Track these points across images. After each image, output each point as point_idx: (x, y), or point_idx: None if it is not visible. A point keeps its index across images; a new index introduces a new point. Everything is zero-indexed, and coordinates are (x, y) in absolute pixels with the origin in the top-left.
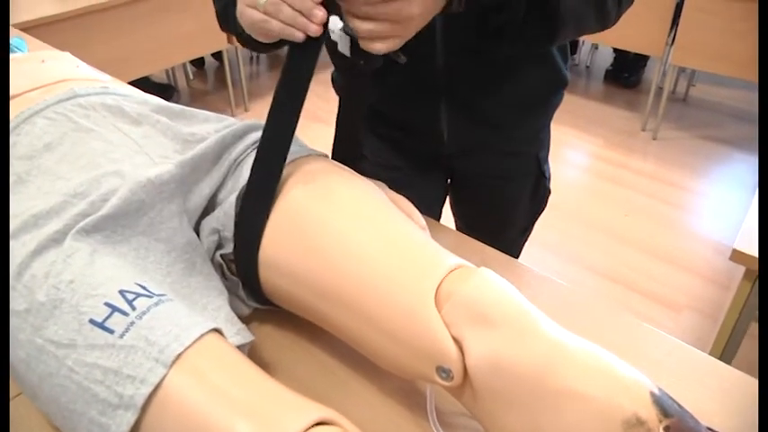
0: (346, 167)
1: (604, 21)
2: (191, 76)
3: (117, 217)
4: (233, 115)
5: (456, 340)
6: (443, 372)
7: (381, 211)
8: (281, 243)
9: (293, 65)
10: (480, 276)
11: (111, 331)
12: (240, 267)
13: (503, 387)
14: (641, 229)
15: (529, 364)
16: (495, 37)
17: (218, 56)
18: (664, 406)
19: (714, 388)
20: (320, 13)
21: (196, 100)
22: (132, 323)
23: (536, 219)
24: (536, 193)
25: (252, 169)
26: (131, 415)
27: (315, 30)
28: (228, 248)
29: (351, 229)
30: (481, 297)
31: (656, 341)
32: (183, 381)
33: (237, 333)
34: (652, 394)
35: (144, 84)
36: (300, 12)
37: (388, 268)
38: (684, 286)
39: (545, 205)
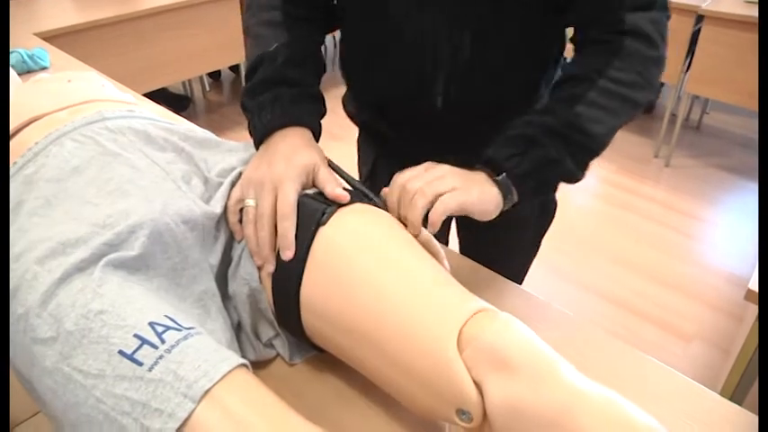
0: (380, 211)
1: (641, 107)
2: (207, 88)
3: (144, 257)
4: None
5: (476, 383)
6: (463, 414)
7: (409, 254)
8: (316, 286)
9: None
10: (502, 322)
11: (140, 364)
12: (280, 312)
13: (520, 431)
14: (652, 256)
15: (547, 410)
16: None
17: (234, 68)
18: None
19: (723, 428)
20: (270, 267)
21: (212, 111)
22: (161, 356)
23: (545, 230)
24: (544, 207)
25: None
26: None
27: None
28: (261, 299)
29: (379, 272)
30: (502, 343)
31: (665, 377)
32: (210, 416)
33: None
34: None
35: (160, 94)
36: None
37: (413, 310)
38: (694, 315)
39: (553, 216)
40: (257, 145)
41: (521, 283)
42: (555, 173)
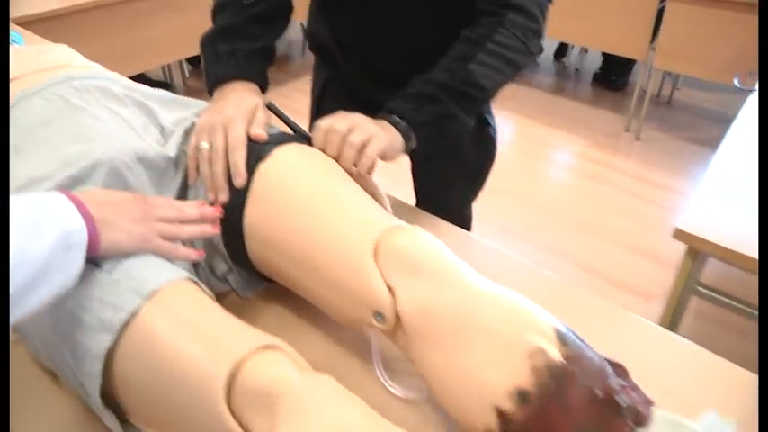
0: (314, 149)
1: (522, 69)
2: (187, 74)
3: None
4: None
5: (390, 288)
6: (378, 315)
7: (338, 184)
8: (258, 215)
9: None
10: (412, 233)
11: (100, 267)
12: (229, 242)
13: (428, 329)
14: (624, 226)
15: (450, 307)
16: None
17: None
18: (565, 340)
19: (666, 358)
20: (223, 196)
21: (191, 96)
22: (120, 261)
23: (484, 169)
24: (480, 137)
25: None
26: (109, 337)
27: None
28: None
29: (311, 198)
30: (411, 250)
31: (630, 323)
32: (155, 311)
33: None
34: (556, 330)
35: (140, 80)
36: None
37: (337, 229)
38: (663, 279)
39: (493, 154)
40: (210, 91)
41: (467, 220)
42: (449, 121)
